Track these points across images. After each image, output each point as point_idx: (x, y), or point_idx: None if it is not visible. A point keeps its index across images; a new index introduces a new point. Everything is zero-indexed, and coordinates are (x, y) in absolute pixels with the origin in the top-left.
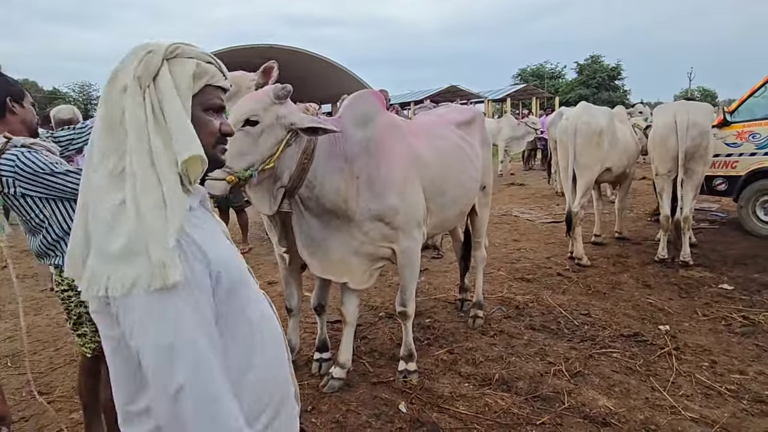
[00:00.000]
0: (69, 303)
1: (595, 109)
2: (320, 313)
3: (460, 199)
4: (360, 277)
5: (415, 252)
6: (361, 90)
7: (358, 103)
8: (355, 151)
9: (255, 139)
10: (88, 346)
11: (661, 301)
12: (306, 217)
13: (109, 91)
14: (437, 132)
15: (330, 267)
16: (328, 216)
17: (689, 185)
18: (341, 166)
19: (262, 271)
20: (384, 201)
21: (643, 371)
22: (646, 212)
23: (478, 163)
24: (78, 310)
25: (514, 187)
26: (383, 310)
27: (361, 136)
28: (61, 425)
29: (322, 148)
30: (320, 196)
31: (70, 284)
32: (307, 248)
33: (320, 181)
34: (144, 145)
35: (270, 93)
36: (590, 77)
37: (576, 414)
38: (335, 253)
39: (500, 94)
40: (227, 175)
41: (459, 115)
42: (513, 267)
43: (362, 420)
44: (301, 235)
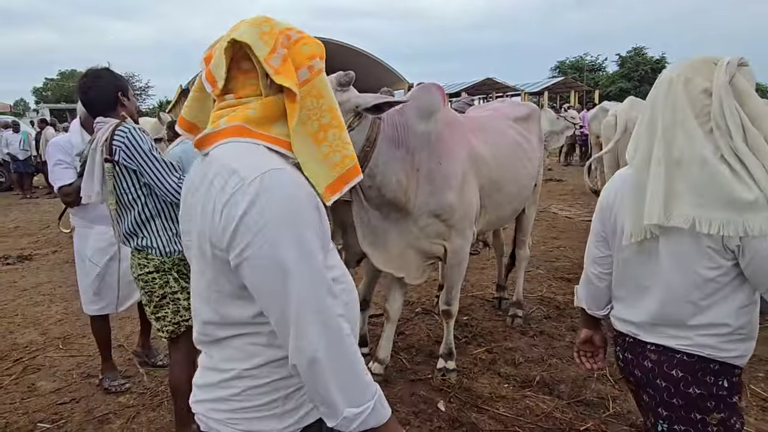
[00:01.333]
0: (153, 285)
1: (644, 104)
2: (363, 309)
3: (516, 197)
4: (414, 272)
5: (464, 251)
6: (427, 83)
7: (423, 95)
8: (417, 143)
9: None
10: (166, 329)
11: None
12: (366, 208)
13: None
14: (495, 127)
15: (390, 260)
16: (388, 208)
17: None
18: (403, 156)
19: None
20: (442, 198)
21: None
22: None
23: (535, 160)
24: (162, 291)
25: (552, 183)
26: (419, 306)
27: (423, 129)
28: (110, 407)
29: (385, 137)
30: (381, 186)
31: (156, 266)
32: (367, 239)
33: (382, 170)
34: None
35: (333, 80)
36: (632, 70)
37: (621, 421)
38: (394, 246)
39: (537, 87)
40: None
41: (515, 110)
42: (552, 266)
43: (401, 417)
44: (361, 226)
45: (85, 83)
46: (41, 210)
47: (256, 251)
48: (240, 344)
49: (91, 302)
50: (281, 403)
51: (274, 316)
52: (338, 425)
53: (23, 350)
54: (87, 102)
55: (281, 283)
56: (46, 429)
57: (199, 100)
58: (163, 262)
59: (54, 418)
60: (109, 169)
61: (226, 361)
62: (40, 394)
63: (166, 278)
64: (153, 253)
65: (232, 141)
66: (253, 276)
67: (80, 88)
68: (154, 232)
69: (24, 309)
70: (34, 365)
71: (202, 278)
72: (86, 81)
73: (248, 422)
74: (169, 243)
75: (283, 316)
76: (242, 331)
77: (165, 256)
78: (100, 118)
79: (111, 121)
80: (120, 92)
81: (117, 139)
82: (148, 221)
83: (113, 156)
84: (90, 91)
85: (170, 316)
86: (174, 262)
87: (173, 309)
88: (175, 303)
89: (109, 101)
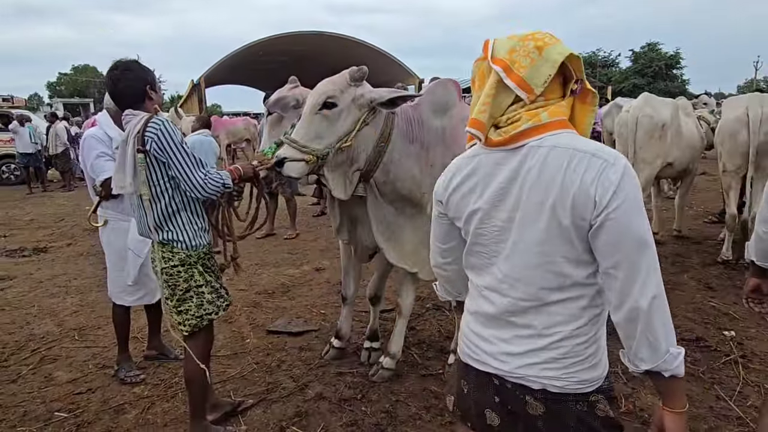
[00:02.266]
0: (177, 278)
1: (658, 101)
2: (375, 304)
3: None
4: (429, 269)
5: None
6: (443, 78)
7: (439, 91)
8: (432, 138)
9: (333, 122)
10: (189, 323)
11: (725, 305)
12: (381, 203)
13: None
14: None
15: (404, 256)
16: (402, 203)
17: (760, 183)
18: (417, 152)
19: (310, 257)
20: None
21: (707, 378)
22: (706, 210)
23: None
24: (187, 285)
25: None
26: (431, 301)
27: (438, 125)
28: (125, 398)
29: (399, 132)
30: (395, 181)
31: (181, 259)
32: (382, 234)
33: (396, 165)
34: None
35: (346, 75)
36: (646, 66)
37: (634, 419)
38: (408, 242)
39: None
40: (305, 155)
41: None
42: None
43: (412, 412)
44: (375, 221)
45: (115, 75)
46: (56, 203)
47: (623, 213)
48: (565, 307)
49: (128, 293)
50: (599, 354)
51: (624, 268)
52: (659, 365)
53: (40, 341)
54: (116, 94)
55: (638, 241)
56: (63, 418)
57: (494, 103)
58: (189, 256)
59: (71, 408)
60: (141, 160)
61: (549, 327)
62: (56, 384)
63: (191, 272)
64: (179, 246)
65: (565, 132)
66: (616, 233)
67: (110, 80)
68: (181, 226)
69: (40, 300)
70: (50, 356)
71: (540, 247)
72: (116, 73)
73: (579, 373)
74: (195, 237)
75: (634, 266)
76: (572, 294)
77: (191, 250)
78: (129, 110)
79: (142, 113)
80: (148, 85)
81: (150, 130)
82: (175, 215)
83: (146, 146)
84: (119, 83)
85: (194, 309)
86: (199, 256)
87: (197, 303)
88: (200, 297)
89: (138, 94)
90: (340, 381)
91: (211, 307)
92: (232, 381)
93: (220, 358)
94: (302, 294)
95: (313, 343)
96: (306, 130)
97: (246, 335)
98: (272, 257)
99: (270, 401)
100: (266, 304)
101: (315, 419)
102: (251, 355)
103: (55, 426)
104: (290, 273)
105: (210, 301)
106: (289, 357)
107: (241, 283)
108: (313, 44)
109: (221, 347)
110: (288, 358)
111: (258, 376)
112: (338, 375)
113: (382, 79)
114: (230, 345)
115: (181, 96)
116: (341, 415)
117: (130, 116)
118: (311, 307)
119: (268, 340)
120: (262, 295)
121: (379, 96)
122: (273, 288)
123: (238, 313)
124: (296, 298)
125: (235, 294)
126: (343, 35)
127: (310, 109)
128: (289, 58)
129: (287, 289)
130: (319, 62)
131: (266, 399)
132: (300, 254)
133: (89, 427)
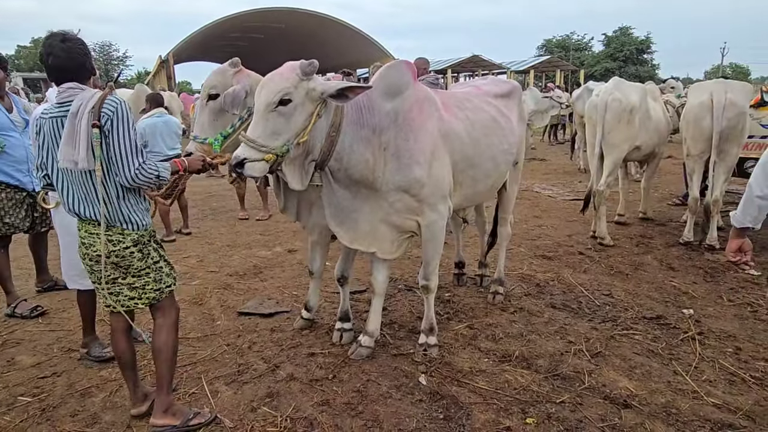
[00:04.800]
0: (131, 259)
1: (627, 85)
2: (343, 284)
3: (493, 173)
4: (388, 247)
5: (439, 226)
6: (396, 60)
7: (390, 74)
8: (384, 122)
9: (288, 118)
10: (147, 296)
11: (685, 285)
12: (335, 189)
13: None
14: (473, 104)
15: (358, 237)
16: (357, 186)
17: (722, 167)
18: (369, 138)
19: (282, 239)
20: (410, 173)
21: (666, 354)
22: (671, 192)
23: (513, 137)
24: (143, 263)
25: (536, 162)
26: (402, 282)
27: (390, 108)
28: (91, 381)
29: (349, 120)
30: (348, 168)
31: (134, 240)
32: (335, 218)
33: (348, 153)
34: None
35: (297, 69)
36: (617, 50)
37: (596, 394)
38: (363, 222)
39: (524, 65)
40: (265, 154)
41: (497, 87)
42: (534, 244)
43: (383, 390)
44: (330, 207)
45: (71, 49)
46: None
47: None
48: None
49: (82, 276)
50: None
51: None
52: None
53: (1, 324)
54: (71, 68)
55: None
56: (27, 402)
57: None
58: (142, 236)
59: (35, 392)
60: (96, 135)
61: None
62: (20, 368)
63: (146, 250)
64: (130, 228)
65: None
66: None
67: (65, 54)
68: (132, 206)
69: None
70: (13, 339)
71: None
72: (70, 47)
73: None
74: (144, 216)
75: None
76: None
77: (142, 229)
78: (75, 83)
79: (92, 90)
80: (89, 62)
81: (108, 106)
82: (125, 195)
83: (100, 121)
84: (77, 59)
85: (152, 284)
86: (150, 234)
87: (156, 278)
88: (158, 272)
89: (88, 68)
90: (311, 361)
91: (169, 279)
92: (202, 363)
93: (190, 340)
94: (274, 275)
95: (285, 325)
96: (263, 128)
97: (216, 317)
98: (244, 239)
99: (241, 382)
100: (237, 285)
101: (286, 399)
102: (222, 337)
103: (19, 411)
104: (262, 254)
105: (168, 274)
106: (260, 338)
107: (212, 264)
108: (287, 21)
109: (191, 329)
110: (259, 340)
111: (229, 357)
112: (310, 356)
113: (354, 59)
114: (200, 327)
115: (149, 72)
116: (312, 395)
117: (76, 90)
118: (283, 288)
119: (239, 321)
120: (234, 276)
121: (330, 89)
122: (244, 269)
123: (208, 295)
124: (268, 280)
125: (206, 276)
126: (319, 13)
127: (265, 107)
128: (263, 35)
129: (259, 271)
130: (293, 41)
131: (237, 380)
132: (272, 236)
133: (54, 411)
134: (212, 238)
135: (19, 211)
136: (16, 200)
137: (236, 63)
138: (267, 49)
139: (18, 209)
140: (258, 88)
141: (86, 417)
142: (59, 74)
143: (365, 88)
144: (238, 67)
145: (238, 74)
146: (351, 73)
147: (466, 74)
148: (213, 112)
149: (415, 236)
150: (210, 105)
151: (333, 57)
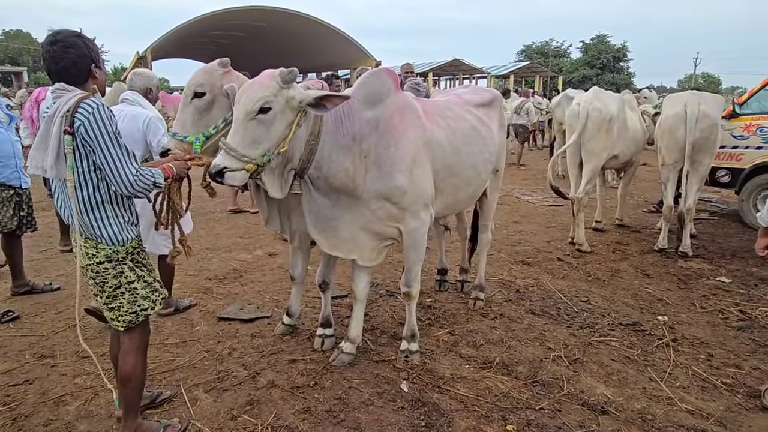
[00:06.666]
0: (105, 275)
1: (607, 96)
2: (324, 290)
3: (473, 181)
4: (369, 254)
5: (420, 233)
6: (378, 68)
7: (371, 82)
8: (365, 130)
9: (269, 126)
10: (123, 319)
11: (659, 291)
12: (315, 197)
13: None
14: (454, 113)
15: (339, 244)
16: (337, 194)
17: (695, 177)
18: (349, 146)
19: (263, 242)
20: (391, 181)
21: (641, 361)
22: (646, 199)
23: (493, 146)
24: (116, 281)
25: (515, 168)
26: (384, 288)
27: (371, 115)
28: (66, 389)
29: (328, 129)
30: (328, 176)
31: (107, 256)
32: (315, 226)
33: (327, 161)
34: None
35: (277, 77)
36: (595, 57)
37: (575, 401)
38: (344, 230)
39: (504, 70)
40: (245, 164)
41: (478, 95)
42: (513, 250)
43: (364, 397)
44: (310, 214)
45: (55, 52)
46: None
47: None
48: None
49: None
50: None
51: None
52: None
53: None
54: (57, 72)
55: None
56: None
57: None
58: (116, 252)
59: (6, 401)
60: (68, 142)
61: None
62: None
63: (120, 268)
64: (103, 242)
65: None
66: None
67: (50, 57)
68: (105, 219)
69: None
70: None
71: None
72: (56, 49)
73: None
74: (121, 231)
75: None
76: None
77: (117, 245)
78: (61, 84)
79: (75, 90)
80: (93, 63)
81: (82, 111)
82: (99, 206)
83: (73, 126)
84: (61, 62)
85: (126, 306)
86: (128, 251)
87: (130, 299)
88: (132, 293)
89: (82, 74)
90: (292, 368)
91: (145, 302)
92: (181, 369)
93: (168, 346)
94: (254, 280)
95: (266, 330)
96: (242, 136)
97: (196, 322)
98: (223, 241)
99: (221, 389)
100: (217, 290)
101: (267, 407)
102: (201, 343)
103: None
104: (242, 258)
105: (144, 296)
106: (240, 344)
107: (190, 268)
108: (269, 20)
109: (169, 335)
110: (239, 346)
111: (208, 364)
112: (291, 362)
113: (334, 60)
114: (179, 332)
115: (125, 68)
116: (294, 402)
117: (61, 91)
118: (263, 293)
119: (218, 327)
120: (213, 281)
121: (308, 97)
122: (224, 273)
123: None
124: (248, 284)
125: (185, 280)
126: (300, 13)
127: (245, 116)
128: (244, 33)
129: (239, 275)
130: (273, 40)
131: (217, 387)
132: (253, 239)
133: (26, 420)
134: (190, 241)
135: (7, 209)
136: (3, 198)
137: (226, 63)
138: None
139: (6, 207)
140: (237, 95)
141: (60, 426)
142: (49, 76)
143: (344, 98)
144: (227, 67)
145: (227, 75)
146: (338, 77)
147: (447, 78)
148: (197, 111)
149: (396, 242)
150: (194, 103)
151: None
